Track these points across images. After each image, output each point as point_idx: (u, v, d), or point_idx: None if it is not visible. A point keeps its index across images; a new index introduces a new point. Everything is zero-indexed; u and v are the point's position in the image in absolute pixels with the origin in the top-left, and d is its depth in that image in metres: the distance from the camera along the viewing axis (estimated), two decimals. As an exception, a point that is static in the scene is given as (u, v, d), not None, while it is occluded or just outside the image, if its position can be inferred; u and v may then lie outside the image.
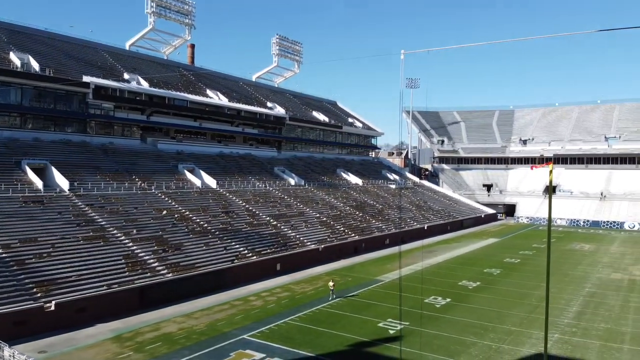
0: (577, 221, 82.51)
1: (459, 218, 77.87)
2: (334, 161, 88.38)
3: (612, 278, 40.51)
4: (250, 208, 50.94)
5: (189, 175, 53.80)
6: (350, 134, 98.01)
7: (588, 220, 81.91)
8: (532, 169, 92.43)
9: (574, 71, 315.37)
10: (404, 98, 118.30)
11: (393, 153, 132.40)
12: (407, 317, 27.30)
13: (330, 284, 32.37)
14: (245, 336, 24.69)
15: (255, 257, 39.50)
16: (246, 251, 40.02)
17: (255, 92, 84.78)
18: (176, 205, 44.77)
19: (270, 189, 60.37)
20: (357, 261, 46.48)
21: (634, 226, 77.62)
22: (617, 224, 79.15)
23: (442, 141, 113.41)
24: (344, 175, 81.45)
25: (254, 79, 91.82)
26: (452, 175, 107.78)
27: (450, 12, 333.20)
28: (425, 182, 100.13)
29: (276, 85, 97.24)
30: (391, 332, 25.71)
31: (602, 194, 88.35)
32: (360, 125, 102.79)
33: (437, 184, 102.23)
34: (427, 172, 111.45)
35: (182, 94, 63.52)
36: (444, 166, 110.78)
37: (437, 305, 30.89)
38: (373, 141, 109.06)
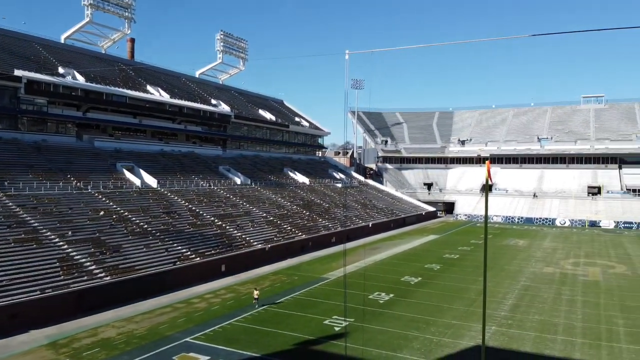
0: (512, 218, 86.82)
1: (402, 216, 79.90)
2: (281, 160, 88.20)
3: (545, 272, 42.88)
4: (194, 208, 49.88)
5: (128, 175, 51.92)
6: (297, 133, 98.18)
7: (522, 217, 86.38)
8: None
9: (510, 74, 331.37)
10: (349, 98, 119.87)
11: (339, 153, 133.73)
12: (352, 313, 27.71)
13: (255, 292, 30.06)
14: (188, 339, 24.17)
15: (198, 259, 38.72)
16: (189, 252, 39.14)
17: (199, 88, 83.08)
18: (114, 206, 43.10)
19: (215, 188, 59.38)
20: (304, 260, 46.66)
21: (564, 222, 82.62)
22: (549, 221, 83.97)
23: (386, 141, 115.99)
24: (291, 174, 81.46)
25: (197, 75, 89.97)
26: (395, 175, 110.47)
27: (393, 15, 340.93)
28: (370, 181, 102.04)
29: (220, 82, 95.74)
30: (336, 329, 26.02)
31: (535, 192, 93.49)
32: (307, 124, 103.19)
33: (381, 182, 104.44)
34: (371, 172, 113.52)
35: (120, 89, 61.16)
36: (388, 165, 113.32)
37: (381, 301, 31.57)
38: (320, 140, 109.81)
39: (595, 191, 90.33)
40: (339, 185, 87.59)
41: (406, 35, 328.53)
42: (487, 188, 15.63)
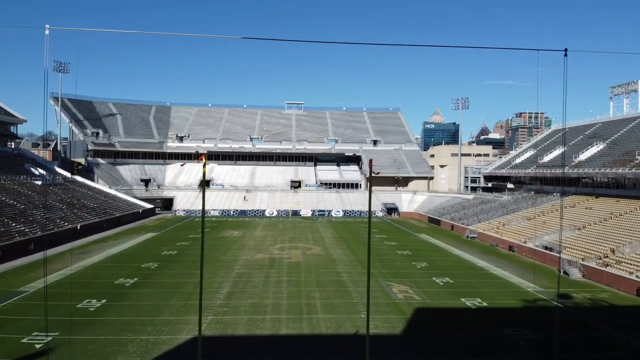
0: (228, 211, 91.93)
1: (117, 214, 74.91)
2: (-45, 152, 70.85)
3: (256, 258, 46.89)
4: None
5: None
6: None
7: (237, 210, 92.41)
8: (182, 165, 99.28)
9: (223, 75, 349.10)
10: (53, 84, 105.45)
11: (39, 144, 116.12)
12: (57, 327, 24.52)
13: None
14: None
15: None
16: None
17: None
18: None
19: None
20: (-9, 273, 38.83)
21: (273, 213, 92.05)
22: (260, 212, 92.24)
23: (97, 133, 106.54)
24: (-30, 169, 66.35)
25: None
26: (109, 170, 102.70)
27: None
28: (78, 178, 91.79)
29: None
30: (38, 346, 22.60)
31: (247, 187, 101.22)
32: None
33: (92, 179, 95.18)
34: (80, 167, 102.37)
35: None
36: (100, 160, 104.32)
37: (91, 309, 28.93)
38: (12, 129, 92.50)
39: (296, 185, 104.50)
40: (39, 182, 75.90)
41: (122, 21, 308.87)
42: (203, 183, 16.11)
